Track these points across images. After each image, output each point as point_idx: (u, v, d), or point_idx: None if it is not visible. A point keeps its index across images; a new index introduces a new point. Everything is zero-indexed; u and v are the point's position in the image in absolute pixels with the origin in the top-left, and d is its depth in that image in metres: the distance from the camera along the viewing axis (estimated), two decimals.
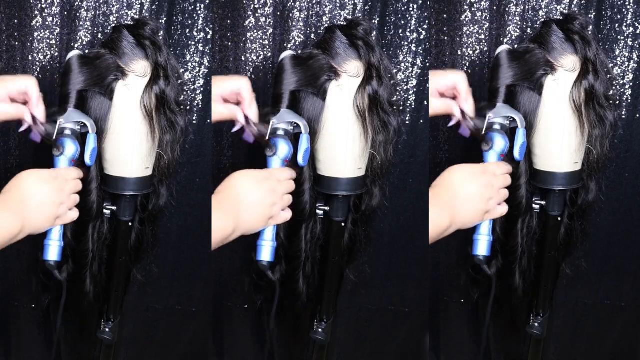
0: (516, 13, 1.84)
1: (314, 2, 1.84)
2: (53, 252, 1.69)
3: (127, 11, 1.80)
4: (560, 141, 1.69)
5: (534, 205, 1.77)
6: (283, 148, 1.68)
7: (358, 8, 1.84)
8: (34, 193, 1.55)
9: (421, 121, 1.87)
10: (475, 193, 1.61)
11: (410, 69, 1.86)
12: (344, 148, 1.71)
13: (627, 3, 1.84)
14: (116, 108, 1.65)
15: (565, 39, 1.67)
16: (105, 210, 1.73)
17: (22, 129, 1.61)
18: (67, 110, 1.65)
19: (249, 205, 1.60)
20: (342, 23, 1.81)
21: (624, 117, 1.86)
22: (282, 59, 1.72)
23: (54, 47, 1.78)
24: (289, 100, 1.70)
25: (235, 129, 1.67)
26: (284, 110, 1.70)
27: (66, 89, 1.65)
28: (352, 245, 1.84)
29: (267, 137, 1.66)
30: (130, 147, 1.67)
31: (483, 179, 1.62)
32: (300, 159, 1.69)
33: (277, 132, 1.68)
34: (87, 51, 1.71)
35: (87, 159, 1.64)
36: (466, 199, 1.61)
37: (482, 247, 1.73)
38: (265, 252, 1.72)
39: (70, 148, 1.64)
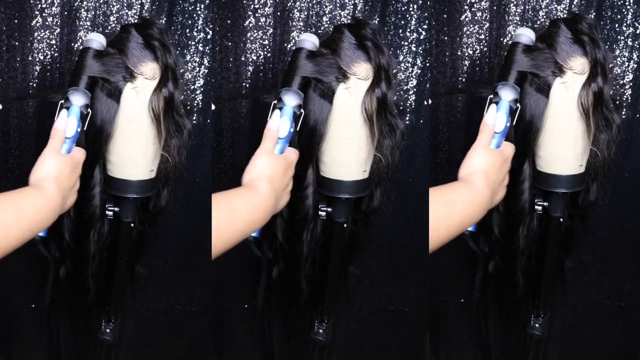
0: (516, 13, 1.84)
1: (314, 2, 1.83)
2: None
3: (127, 11, 1.80)
4: (566, 144, 1.67)
5: (536, 207, 1.76)
6: (285, 126, 1.60)
7: (358, 8, 1.83)
8: (65, 177, 1.50)
9: (421, 121, 1.87)
10: (503, 178, 1.58)
11: (410, 69, 1.86)
12: (350, 151, 1.68)
13: (627, 3, 1.84)
14: (123, 111, 1.62)
15: (573, 40, 1.65)
16: (107, 212, 1.71)
17: None
18: (68, 92, 1.59)
19: (282, 192, 1.57)
20: (350, 22, 1.78)
21: (624, 117, 1.86)
22: (296, 49, 1.69)
23: (54, 47, 1.78)
24: (299, 84, 1.65)
25: None
26: (296, 90, 1.64)
27: (76, 74, 1.62)
28: (351, 245, 1.84)
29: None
30: (137, 151, 1.64)
31: (506, 166, 1.59)
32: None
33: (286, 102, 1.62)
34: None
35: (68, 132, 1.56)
36: (503, 185, 1.58)
37: None
38: None
39: (70, 128, 1.56)
